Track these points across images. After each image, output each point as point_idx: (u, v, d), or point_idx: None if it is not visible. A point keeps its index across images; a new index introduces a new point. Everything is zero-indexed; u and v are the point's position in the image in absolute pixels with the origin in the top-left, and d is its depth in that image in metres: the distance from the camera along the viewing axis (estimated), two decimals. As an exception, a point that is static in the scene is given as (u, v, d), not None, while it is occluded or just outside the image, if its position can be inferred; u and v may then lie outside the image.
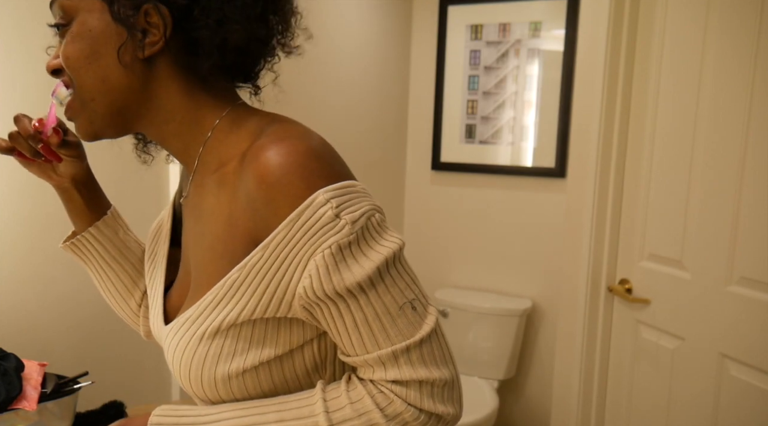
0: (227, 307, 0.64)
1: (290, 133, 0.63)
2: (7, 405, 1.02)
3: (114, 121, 0.69)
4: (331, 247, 0.59)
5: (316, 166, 0.61)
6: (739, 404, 1.50)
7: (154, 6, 0.64)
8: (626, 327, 1.87)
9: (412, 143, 2.85)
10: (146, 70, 0.67)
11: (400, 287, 0.63)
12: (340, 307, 0.61)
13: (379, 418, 0.63)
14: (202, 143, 0.70)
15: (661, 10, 1.70)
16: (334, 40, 2.24)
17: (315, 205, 0.59)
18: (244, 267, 0.62)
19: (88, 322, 1.44)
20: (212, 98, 0.70)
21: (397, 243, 0.63)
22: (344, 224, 0.59)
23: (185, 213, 0.77)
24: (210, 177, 0.69)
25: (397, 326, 0.62)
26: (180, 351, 0.66)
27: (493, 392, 2.38)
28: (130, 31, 0.65)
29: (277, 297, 0.62)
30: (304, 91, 2.13)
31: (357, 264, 0.60)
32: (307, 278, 0.60)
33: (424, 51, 2.76)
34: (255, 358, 0.65)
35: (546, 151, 2.54)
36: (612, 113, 1.83)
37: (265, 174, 0.60)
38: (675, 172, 1.65)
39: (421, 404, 0.63)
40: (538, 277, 2.62)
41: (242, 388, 0.66)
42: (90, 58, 0.66)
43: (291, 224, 0.59)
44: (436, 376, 0.64)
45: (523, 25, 2.53)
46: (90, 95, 0.67)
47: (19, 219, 1.29)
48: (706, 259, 1.56)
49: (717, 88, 1.52)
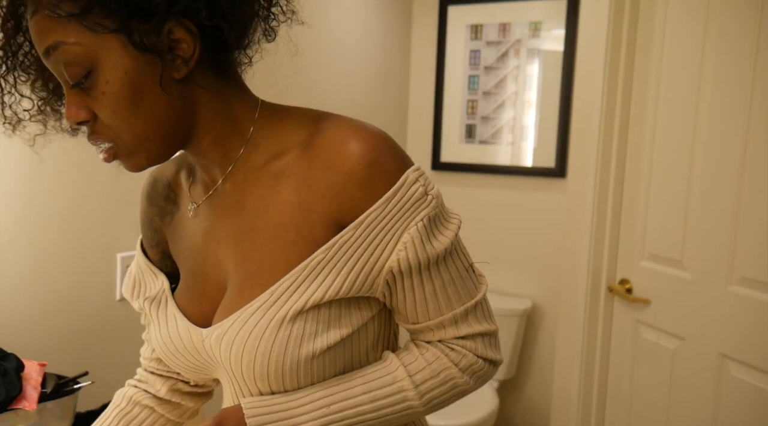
0: (311, 287, 0.64)
1: (359, 123, 0.66)
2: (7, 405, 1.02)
3: (171, 149, 0.67)
4: (423, 220, 0.64)
5: (399, 149, 0.66)
6: (739, 404, 1.50)
7: (178, 22, 0.59)
8: (626, 327, 1.87)
9: (412, 143, 2.85)
10: (186, 88, 0.64)
11: (464, 253, 0.71)
12: (424, 277, 0.67)
13: (456, 372, 0.71)
14: (243, 143, 0.69)
15: (661, 10, 1.70)
16: (334, 39, 2.24)
17: (408, 183, 0.64)
18: (332, 247, 0.64)
19: (88, 322, 1.43)
20: (242, 94, 0.70)
21: (458, 215, 0.70)
22: (431, 199, 0.65)
23: (201, 220, 0.75)
24: (257, 172, 0.69)
25: (466, 287, 0.71)
26: (254, 339, 0.65)
27: (493, 392, 2.38)
28: (161, 57, 0.60)
29: (364, 274, 0.65)
30: (304, 90, 2.13)
31: (441, 234, 0.66)
32: (402, 250, 0.64)
33: (424, 51, 2.76)
34: (335, 336, 0.66)
35: (546, 151, 2.54)
36: (612, 113, 1.83)
37: (357, 158, 0.63)
38: (675, 171, 1.65)
39: (486, 354, 0.73)
40: (538, 277, 2.62)
41: (321, 368, 0.67)
42: (135, 102, 0.61)
43: (387, 201, 0.63)
44: (493, 328, 0.73)
45: (523, 25, 2.52)
46: (144, 136, 0.63)
47: (19, 219, 1.29)
48: (706, 259, 1.56)
49: (717, 87, 1.52)
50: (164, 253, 0.82)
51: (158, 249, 0.82)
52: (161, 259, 0.82)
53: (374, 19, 2.49)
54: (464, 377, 0.71)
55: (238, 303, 0.68)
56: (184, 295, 0.77)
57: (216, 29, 0.62)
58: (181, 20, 0.59)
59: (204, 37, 0.62)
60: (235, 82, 0.69)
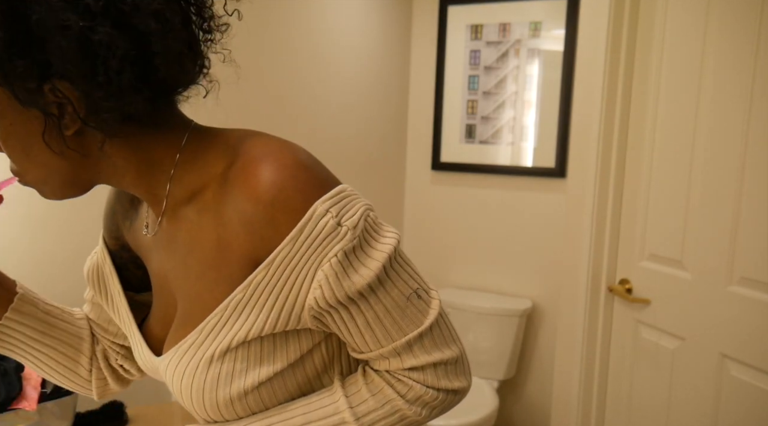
0: (234, 327, 0.63)
1: (270, 149, 0.62)
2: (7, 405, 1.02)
3: (72, 190, 0.67)
4: (337, 255, 0.59)
5: (308, 176, 0.61)
6: (739, 404, 1.50)
7: (51, 85, 0.57)
8: (626, 327, 1.87)
9: (412, 143, 2.84)
10: (81, 142, 0.62)
11: (404, 279, 0.65)
12: (351, 311, 0.62)
13: (402, 404, 0.67)
14: (167, 180, 0.66)
15: (661, 10, 1.70)
16: (334, 40, 2.24)
17: (316, 217, 0.59)
18: (248, 287, 0.62)
19: (88, 322, 1.43)
20: (162, 135, 0.65)
21: (395, 237, 0.64)
22: (346, 231, 0.60)
23: (152, 247, 0.74)
24: (184, 208, 0.67)
25: (407, 317, 0.65)
26: (189, 377, 0.65)
27: (493, 392, 2.38)
28: (44, 113, 0.58)
29: (285, 311, 0.62)
30: (304, 91, 2.13)
31: (363, 266, 0.61)
32: (317, 289, 0.60)
33: (424, 51, 2.76)
34: (267, 371, 0.65)
35: (546, 151, 2.54)
36: (612, 113, 1.83)
37: (260, 193, 0.59)
38: (675, 171, 1.65)
39: (439, 384, 0.67)
40: (538, 277, 2.62)
41: (258, 402, 0.66)
42: (24, 151, 0.62)
43: (294, 239, 0.59)
44: (448, 355, 0.67)
45: (523, 25, 2.53)
46: (41, 180, 0.65)
47: (18, 219, 1.29)
48: (706, 259, 1.56)
49: (717, 87, 1.52)
50: (123, 247, 0.81)
51: (117, 242, 0.82)
52: (119, 251, 0.82)
53: (374, 19, 2.49)
54: (413, 408, 0.67)
55: (177, 338, 0.69)
56: (152, 316, 0.78)
57: (92, 96, 0.58)
58: (58, 83, 0.57)
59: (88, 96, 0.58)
60: (153, 122, 0.64)
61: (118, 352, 0.87)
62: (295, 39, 2.03)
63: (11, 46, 0.55)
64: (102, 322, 0.86)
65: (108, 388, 0.89)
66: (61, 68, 0.56)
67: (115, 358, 0.87)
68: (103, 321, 0.86)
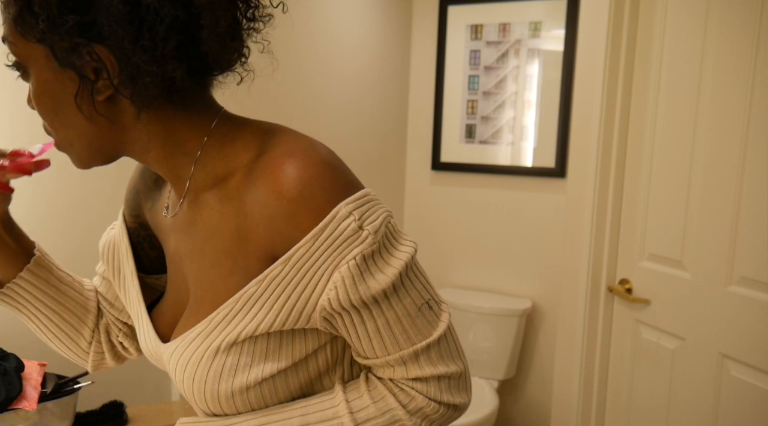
0: (244, 320, 0.63)
1: (300, 145, 0.63)
2: (7, 405, 1.02)
3: (98, 157, 0.68)
4: (356, 258, 0.60)
5: (334, 177, 0.61)
6: (739, 404, 1.50)
7: (90, 48, 0.59)
8: (626, 327, 1.87)
9: (412, 143, 2.85)
10: (111, 109, 0.63)
11: (417, 289, 0.65)
12: (363, 315, 0.62)
13: (402, 415, 0.66)
14: (192, 163, 0.67)
15: (661, 10, 1.70)
16: (334, 39, 2.24)
17: (338, 218, 0.60)
18: (263, 281, 0.62)
19: (88, 322, 1.43)
20: (191, 116, 0.66)
21: (412, 247, 0.64)
22: (367, 235, 0.60)
23: (171, 229, 0.74)
24: (206, 193, 0.67)
25: (416, 326, 0.65)
26: (192, 366, 0.65)
27: (493, 392, 2.38)
28: (80, 76, 0.61)
29: (297, 309, 0.62)
30: (304, 91, 2.13)
31: (380, 272, 0.61)
32: (332, 290, 0.60)
33: (424, 51, 2.76)
34: (272, 368, 0.65)
35: (546, 151, 2.54)
36: (612, 113, 1.83)
37: (285, 189, 0.60)
38: (675, 172, 1.65)
39: (441, 397, 0.67)
40: (538, 277, 2.62)
41: (259, 398, 0.66)
42: (54, 110, 0.64)
43: (314, 238, 0.59)
44: (453, 370, 0.67)
45: (523, 25, 2.53)
46: (68, 141, 0.67)
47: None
48: (706, 259, 1.56)
49: (717, 88, 1.52)
50: (141, 225, 0.82)
51: (137, 220, 0.83)
52: (137, 229, 0.83)
53: (374, 19, 2.49)
54: (413, 419, 0.66)
55: (186, 325, 0.69)
56: (165, 301, 0.78)
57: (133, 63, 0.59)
58: (92, 46, 0.59)
59: (128, 65, 0.60)
60: (183, 103, 0.65)
61: (120, 329, 0.88)
62: (295, 39, 2.03)
63: (65, 1, 0.57)
64: (109, 297, 0.87)
65: (104, 362, 0.90)
66: (107, 29, 0.58)
67: (116, 335, 0.88)
68: (111, 296, 0.87)
